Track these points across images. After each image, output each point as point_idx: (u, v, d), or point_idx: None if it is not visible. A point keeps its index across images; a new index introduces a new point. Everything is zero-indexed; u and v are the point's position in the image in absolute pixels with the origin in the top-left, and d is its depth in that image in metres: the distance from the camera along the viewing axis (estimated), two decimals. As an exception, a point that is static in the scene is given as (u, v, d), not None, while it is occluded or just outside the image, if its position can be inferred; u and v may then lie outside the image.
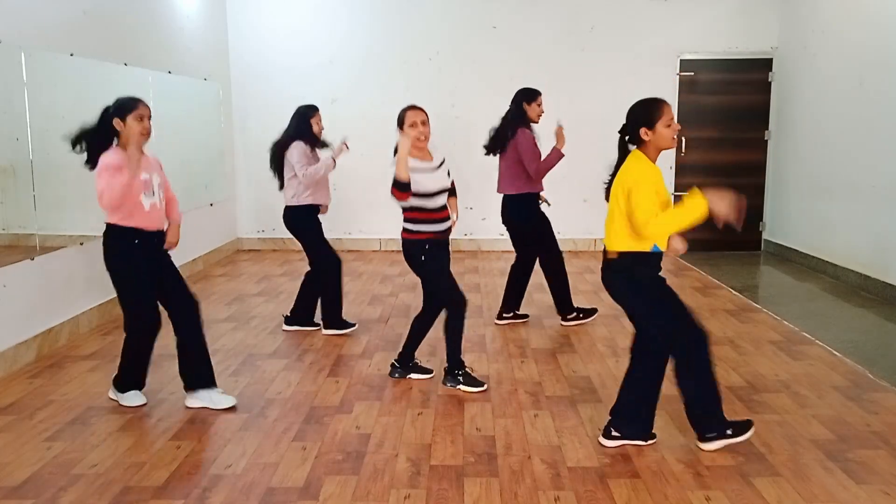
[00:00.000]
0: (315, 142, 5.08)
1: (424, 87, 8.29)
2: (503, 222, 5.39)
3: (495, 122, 5.32)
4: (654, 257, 3.27)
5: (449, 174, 4.18)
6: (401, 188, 3.85)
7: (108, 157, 3.58)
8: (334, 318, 5.19)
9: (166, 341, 5.06)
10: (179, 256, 6.72)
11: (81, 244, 5.29)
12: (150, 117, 3.66)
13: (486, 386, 4.17)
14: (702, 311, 5.83)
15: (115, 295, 5.64)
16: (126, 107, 3.60)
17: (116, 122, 3.61)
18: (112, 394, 4.01)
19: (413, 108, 4.05)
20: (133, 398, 3.95)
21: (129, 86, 5.98)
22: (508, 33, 8.29)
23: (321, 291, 5.19)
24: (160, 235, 3.84)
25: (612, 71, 8.27)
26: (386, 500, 3.00)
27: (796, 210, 7.84)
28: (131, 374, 3.96)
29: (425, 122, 4.00)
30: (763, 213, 8.54)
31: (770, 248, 8.44)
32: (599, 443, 3.47)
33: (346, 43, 8.34)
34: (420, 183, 3.94)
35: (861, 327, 5.49)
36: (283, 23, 8.32)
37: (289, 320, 5.31)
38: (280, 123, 5.32)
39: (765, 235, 8.56)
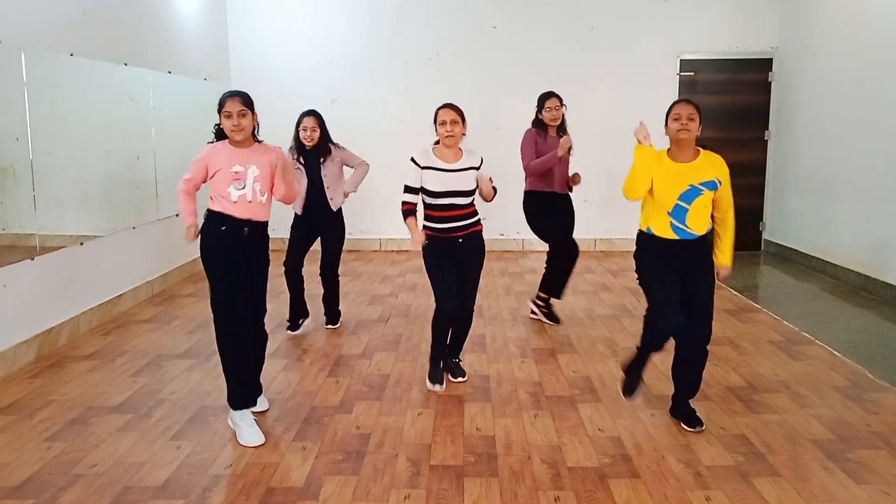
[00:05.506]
0: (299, 148, 5.06)
1: (424, 87, 8.29)
2: None
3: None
4: (646, 237, 3.60)
5: (479, 180, 4.12)
6: (403, 212, 4.13)
7: (201, 150, 3.62)
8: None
9: (165, 340, 5.09)
10: (182, 255, 6.78)
11: (81, 244, 5.29)
12: (241, 113, 3.49)
13: (441, 387, 4.20)
14: (702, 311, 5.83)
15: (115, 294, 5.73)
16: (219, 103, 3.58)
17: (221, 120, 3.59)
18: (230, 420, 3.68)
19: (445, 106, 4.07)
20: (242, 422, 3.58)
21: (129, 86, 6.00)
22: (508, 33, 8.29)
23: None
24: (253, 227, 3.59)
25: (612, 71, 8.27)
26: (386, 500, 3.00)
27: (796, 210, 7.84)
28: (230, 385, 3.60)
29: (455, 122, 4.01)
30: (763, 213, 8.54)
31: (770, 248, 8.44)
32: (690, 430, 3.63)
33: (345, 43, 8.35)
34: (428, 181, 4.04)
35: (861, 327, 5.49)
36: (283, 23, 8.32)
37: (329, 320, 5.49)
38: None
39: (765, 235, 8.55)
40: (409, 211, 4.12)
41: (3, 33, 4.44)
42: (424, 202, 4.12)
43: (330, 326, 5.42)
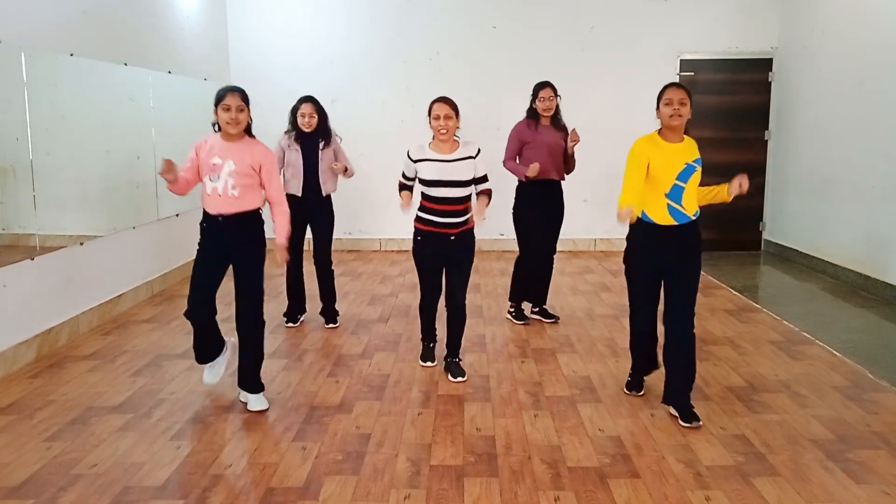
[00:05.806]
0: (297, 133, 5.15)
1: (424, 87, 8.26)
2: None
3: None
4: (642, 226, 3.69)
5: (477, 174, 4.19)
6: (399, 186, 4.31)
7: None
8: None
9: (165, 340, 5.08)
10: (182, 255, 6.78)
11: (81, 244, 5.29)
12: (239, 108, 3.64)
13: (433, 363, 4.50)
14: (702, 311, 5.82)
15: (115, 294, 5.72)
16: (217, 97, 3.69)
17: (215, 112, 3.70)
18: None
19: (439, 100, 4.13)
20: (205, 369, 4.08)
21: (129, 86, 6.00)
22: (508, 33, 8.29)
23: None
24: (230, 222, 3.72)
25: (612, 71, 8.27)
26: (386, 500, 3.00)
27: (796, 210, 7.84)
28: (196, 346, 4.02)
29: (448, 117, 4.07)
30: (763, 213, 8.54)
31: (770, 248, 8.44)
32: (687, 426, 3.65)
33: (346, 43, 8.34)
34: (422, 171, 4.13)
35: (861, 327, 5.49)
36: (283, 23, 8.32)
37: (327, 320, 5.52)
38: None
39: (765, 235, 8.55)
40: (403, 185, 4.30)
41: (3, 33, 4.44)
42: (421, 193, 4.20)
43: (329, 326, 5.42)
